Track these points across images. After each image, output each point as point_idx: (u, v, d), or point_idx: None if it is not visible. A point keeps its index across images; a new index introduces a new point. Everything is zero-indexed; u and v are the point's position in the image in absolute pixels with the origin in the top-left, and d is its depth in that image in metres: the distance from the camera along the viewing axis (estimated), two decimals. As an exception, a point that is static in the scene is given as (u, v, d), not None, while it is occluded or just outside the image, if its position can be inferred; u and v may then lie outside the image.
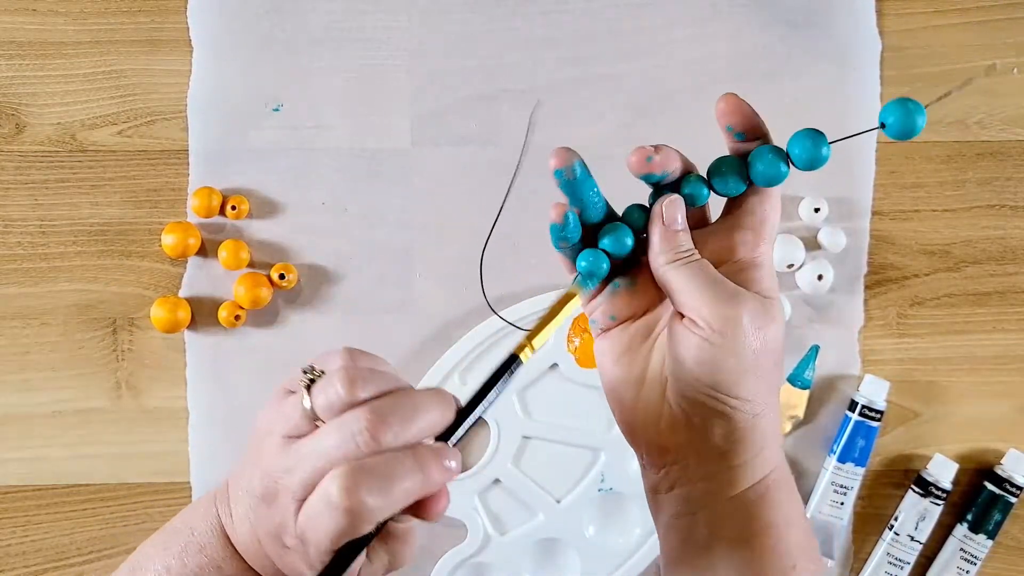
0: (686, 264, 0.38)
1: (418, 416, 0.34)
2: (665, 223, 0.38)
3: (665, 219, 0.38)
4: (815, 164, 0.38)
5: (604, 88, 0.68)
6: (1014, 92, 0.69)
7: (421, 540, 0.67)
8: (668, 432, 0.39)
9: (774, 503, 0.38)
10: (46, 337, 0.67)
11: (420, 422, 0.34)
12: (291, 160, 0.67)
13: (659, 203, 0.38)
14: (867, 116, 0.68)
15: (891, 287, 0.69)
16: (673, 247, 0.38)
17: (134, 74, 0.67)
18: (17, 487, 0.67)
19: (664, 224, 0.38)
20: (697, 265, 0.38)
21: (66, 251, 0.67)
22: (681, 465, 0.39)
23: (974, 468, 0.69)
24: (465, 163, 0.68)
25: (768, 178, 0.38)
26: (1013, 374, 0.69)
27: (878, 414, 0.66)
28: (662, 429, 0.39)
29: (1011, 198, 0.69)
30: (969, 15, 0.69)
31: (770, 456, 0.39)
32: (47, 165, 0.67)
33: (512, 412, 0.66)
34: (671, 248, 0.38)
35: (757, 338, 0.37)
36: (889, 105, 0.37)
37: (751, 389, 0.37)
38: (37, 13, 0.67)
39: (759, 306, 0.37)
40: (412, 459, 0.34)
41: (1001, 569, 0.69)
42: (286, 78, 0.67)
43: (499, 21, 0.68)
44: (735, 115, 0.39)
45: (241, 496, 0.37)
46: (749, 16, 0.68)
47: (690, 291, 0.37)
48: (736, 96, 0.39)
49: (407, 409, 0.34)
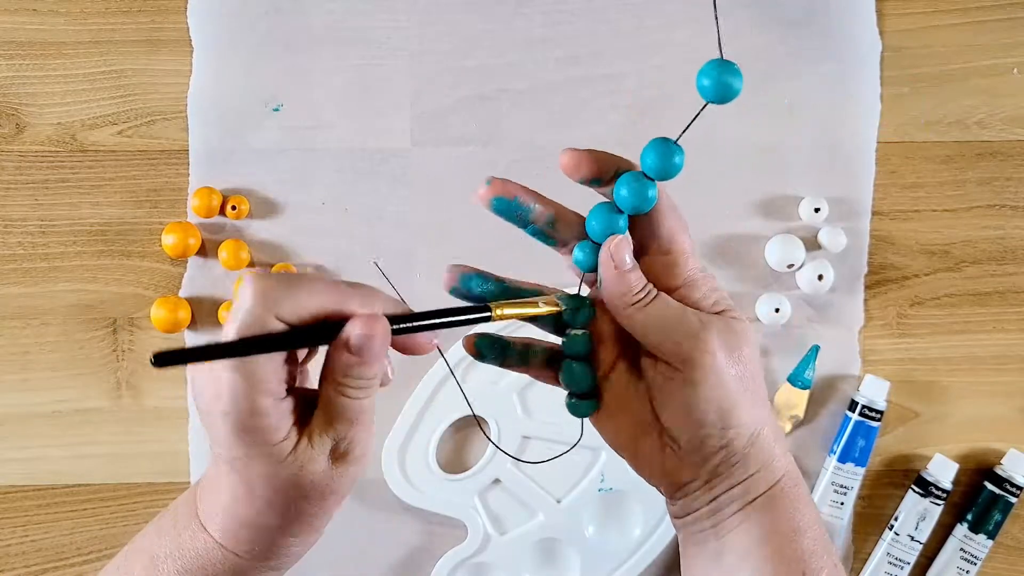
0: (647, 305, 0.38)
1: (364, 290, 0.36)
2: (616, 265, 0.38)
3: (616, 261, 0.38)
4: (669, 173, 0.37)
5: (604, 88, 0.68)
6: (1014, 92, 0.69)
7: (420, 540, 0.67)
8: (674, 470, 0.39)
9: (782, 511, 0.39)
10: (46, 337, 0.67)
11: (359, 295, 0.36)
12: (291, 160, 0.67)
13: (606, 247, 0.38)
14: (867, 116, 0.68)
15: (891, 287, 0.69)
16: (629, 288, 0.38)
17: (134, 74, 0.67)
18: (17, 487, 0.67)
19: (615, 266, 0.38)
20: (658, 302, 0.38)
21: (66, 251, 0.67)
22: (693, 496, 0.39)
23: (974, 468, 0.69)
24: (465, 163, 0.68)
25: (634, 204, 0.37)
26: (1013, 374, 0.69)
27: (878, 414, 0.66)
28: (668, 469, 0.39)
29: (1011, 198, 0.69)
30: (969, 15, 0.69)
31: (775, 466, 0.39)
32: (47, 165, 0.67)
33: (512, 412, 0.66)
34: (627, 290, 0.38)
35: (734, 362, 0.37)
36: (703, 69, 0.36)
37: (743, 414, 0.38)
38: (37, 13, 0.67)
39: (726, 328, 0.37)
40: (327, 280, 0.36)
41: (1001, 569, 0.69)
42: (286, 78, 0.67)
43: (499, 21, 0.68)
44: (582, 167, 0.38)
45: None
46: (749, 16, 0.68)
47: (657, 331, 0.37)
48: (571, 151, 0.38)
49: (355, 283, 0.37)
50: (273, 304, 0.34)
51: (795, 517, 0.39)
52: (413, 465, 0.66)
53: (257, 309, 0.34)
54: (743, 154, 0.68)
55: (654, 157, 0.37)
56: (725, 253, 0.68)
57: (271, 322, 0.34)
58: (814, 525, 0.39)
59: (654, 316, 0.37)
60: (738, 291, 0.68)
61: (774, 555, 0.38)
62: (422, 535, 0.67)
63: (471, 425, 0.67)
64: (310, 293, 0.35)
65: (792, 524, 0.39)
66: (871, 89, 0.68)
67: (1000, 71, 0.69)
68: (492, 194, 0.39)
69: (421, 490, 0.66)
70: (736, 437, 0.38)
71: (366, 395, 0.37)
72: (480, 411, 0.66)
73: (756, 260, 0.68)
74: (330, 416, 0.36)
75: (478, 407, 0.66)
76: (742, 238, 0.68)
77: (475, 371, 0.66)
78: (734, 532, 0.39)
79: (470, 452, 0.68)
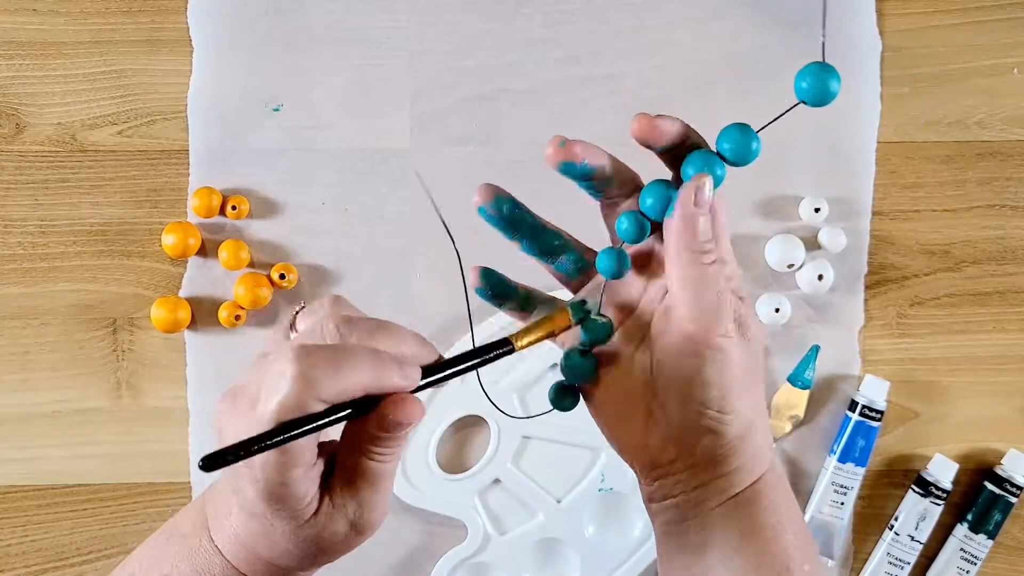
0: (707, 264, 0.36)
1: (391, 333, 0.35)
2: (697, 203, 0.36)
3: (698, 199, 0.36)
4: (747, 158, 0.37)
5: (604, 88, 0.68)
6: (1014, 92, 0.69)
7: (420, 540, 0.67)
8: (658, 449, 0.38)
9: (765, 507, 0.38)
10: (46, 337, 0.67)
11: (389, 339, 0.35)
12: (291, 160, 0.67)
13: (693, 181, 0.36)
14: (867, 116, 0.68)
15: (891, 287, 0.69)
16: (702, 233, 0.36)
17: (134, 74, 0.67)
18: (17, 487, 0.67)
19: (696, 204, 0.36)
20: (714, 267, 0.36)
21: (66, 251, 0.67)
22: (673, 478, 0.39)
23: (974, 468, 0.69)
24: (465, 163, 0.68)
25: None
26: (1013, 374, 0.69)
27: (878, 414, 0.66)
28: (651, 446, 0.38)
29: (1011, 198, 0.69)
30: (969, 15, 0.69)
31: (761, 461, 0.38)
32: (47, 165, 0.67)
33: (512, 412, 0.66)
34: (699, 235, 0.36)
35: (743, 349, 0.37)
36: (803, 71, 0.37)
37: (741, 401, 0.37)
38: (37, 13, 0.67)
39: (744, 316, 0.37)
40: (368, 352, 0.33)
41: (1001, 569, 0.69)
42: (286, 78, 0.67)
43: (499, 21, 0.68)
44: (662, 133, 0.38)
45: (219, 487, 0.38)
46: (749, 16, 0.68)
47: (699, 291, 0.36)
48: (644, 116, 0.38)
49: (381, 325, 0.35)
50: (316, 386, 0.32)
51: (779, 512, 0.38)
52: (413, 465, 0.66)
53: (301, 393, 0.32)
54: (743, 154, 0.68)
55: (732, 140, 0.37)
56: (725, 253, 0.68)
57: (312, 405, 0.32)
58: (796, 521, 0.39)
59: (703, 277, 0.36)
60: (738, 291, 0.68)
61: (759, 551, 0.38)
62: (422, 535, 0.67)
63: (471, 425, 0.67)
64: (353, 371, 0.33)
65: (776, 520, 0.38)
66: (871, 89, 0.68)
67: (1000, 71, 0.69)
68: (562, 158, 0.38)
69: (421, 490, 0.66)
70: (731, 424, 0.37)
71: (392, 459, 0.36)
72: (480, 411, 0.66)
73: (756, 260, 0.68)
74: (352, 480, 0.36)
75: (478, 407, 0.66)
76: (742, 238, 0.68)
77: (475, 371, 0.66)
78: (717, 525, 0.38)
79: (470, 452, 0.68)
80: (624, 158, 0.39)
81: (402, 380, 0.34)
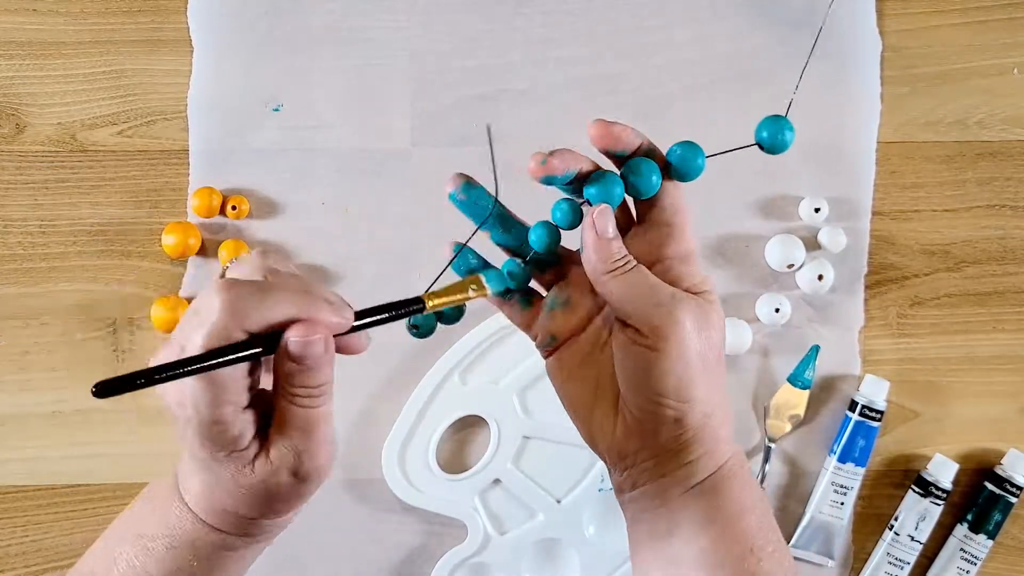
0: (624, 273, 0.38)
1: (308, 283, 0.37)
2: (598, 233, 0.39)
3: (598, 229, 0.39)
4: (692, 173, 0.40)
5: (604, 88, 0.68)
6: (1014, 92, 0.69)
7: (420, 540, 0.67)
8: (624, 439, 0.40)
9: (728, 492, 0.40)
10: (46, 337, 0.67)
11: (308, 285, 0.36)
12: (291, 160, 0.67)
13: (589, 214, 0.39)
14: (867, 116, 0.68)
15: (891, 287, 0.69)
16: (608, 256, 0.38)
17: (134, 74, 0.67)
18: (17, 487, 0.67)
19: (597, 234, 0.39)
20: (635, 273, 0.39)
21: (66, 251, 0.67)
22: (640, 468, 0.40)
23: (974, 468, 0.69)
24: (465, 163, 0.67)
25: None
26: (1013, 374, 0.69)
27: (878, 414, 0.66)
28: (618, 436, 0.40)
29: (1011, 198, 0.69)
30: (969, 15, 0.69)
31: (723, 449, 0.40)
32: (47, 165, 0.67)
33: (512, 412, 0.66)
34: (607, 258, 0.38)
35: (700, 340, 0.38)
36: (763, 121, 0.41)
37: (699, 390, 0.38)
38: (37, 13, 0.67)
39: (698, 308, 0.38)
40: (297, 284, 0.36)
41: (1001, 569, 0.69)
42: (286, 78, 0.67)
43: (499, 21, 0.68)
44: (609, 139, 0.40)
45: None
46: (749, 16, 0.68)
47: (631, 300, 0.38)
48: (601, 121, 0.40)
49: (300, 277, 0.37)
50: (242, 315, 0.33)
51: (741, 497, 0.40)
52: (413, 465, 0.66)
53: (227, 321, 0.33)
54: (743, 154, 0.68)
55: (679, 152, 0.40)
56: (725, 253, 0.68)
57: (237, 334, 0.33)
58: (759, 504, 0.41)
59: (629, 285, 0.38)
60: (738, 291, 0.68)
61: (721, 534, 0.39)
62: (422, 535, 0.67)
63: (471, 425, 0.67)
64: (278, 302, 0.34)
65: (739, 504, 0.40)
66: (871, 89, 0.68)
67: (1000, 71, 0.69)
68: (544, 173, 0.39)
69: (421, 490, 0.66)
70: (689, 412, 0.38)
71: (315, 404, 0.37)
72: (480, 411, 0.66)
73: (756, 260, 0.68)
74: (284, 428, 0.37)
75: (478, 407, 0.66)
76: (742, 238, 0.68)
77: (475, 371, 0.66)
78: (682, 512, 0.39)
79: (470, 452, 0.68)
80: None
81: (333, 316, 0.36)
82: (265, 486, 0.37)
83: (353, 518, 0.67)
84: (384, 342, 0.67)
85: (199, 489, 0.39)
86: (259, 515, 0.39)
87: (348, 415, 0.67)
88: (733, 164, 0.68)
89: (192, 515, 0.39)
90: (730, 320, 0.66)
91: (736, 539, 0.39)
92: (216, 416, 0.35)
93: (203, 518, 0.39)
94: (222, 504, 0.38)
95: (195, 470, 0.38)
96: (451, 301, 0.40)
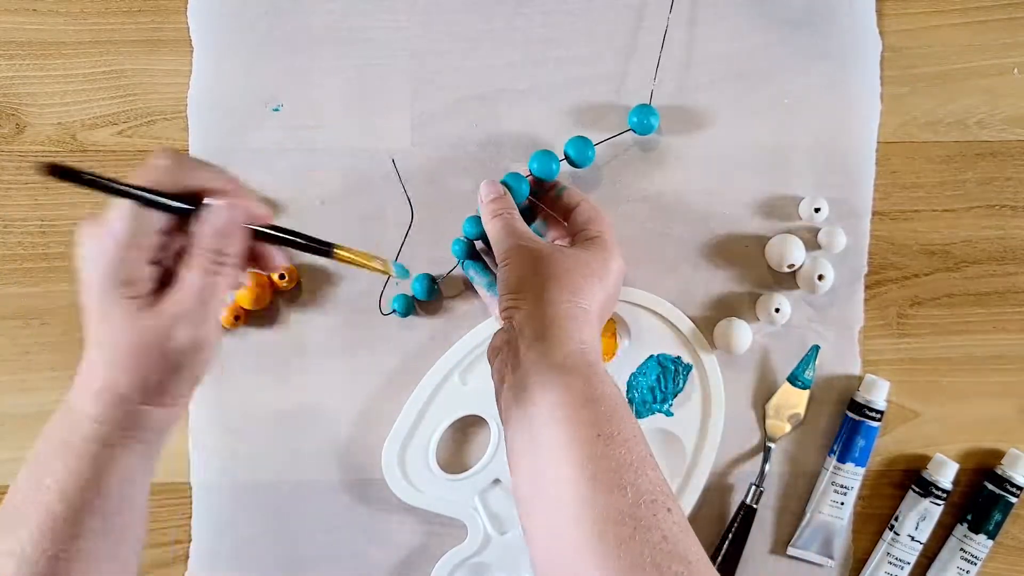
0: (492, 219, 0.59)
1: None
2: (482, 199, 0.61)
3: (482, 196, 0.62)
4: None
5: (604, 88, 0.68)
6: (1014, 92, 0.69)
7: (420, 540, 0.67)
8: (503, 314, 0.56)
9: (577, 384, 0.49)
10: (46, 337, 0.67)
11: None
12: (291, 160, 0.67)
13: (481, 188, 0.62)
14: (867, 116, 0.68)
15: (891, 287, 0.69)
16: (488, 211, 0.60)
17: (134, 74, 0.67)
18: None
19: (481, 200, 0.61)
20: (499, 219, 0.59)
21: (66, 251, 0.67)
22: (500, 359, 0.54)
23: (974, 468, 0.69)
24: (465, 163, 0.68)
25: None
26: (1013, 374, 0.69)
27: (878, 414, 0.66)
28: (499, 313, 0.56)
29: (1011, 198, 0.69)
30: (969, 15, 0.69)
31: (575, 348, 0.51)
32: (47, 165, 0.67)
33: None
34: (487, 212, 0.60)
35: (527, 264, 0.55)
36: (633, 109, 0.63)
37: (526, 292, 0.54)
38: (37, 13, 0.67)
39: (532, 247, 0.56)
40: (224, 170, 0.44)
41: (1001, 569, 0.69)
42: (286, 78, 0.67)
43: (499, 21, 0.68)
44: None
45: None
46: (749, 16, 0.68)
47: (494, 236, 0.59)
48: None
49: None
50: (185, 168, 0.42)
51: (587, 390, 0.48)
52: (413, 465, 0.66)
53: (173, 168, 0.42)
54: (743, 154, 0.68)
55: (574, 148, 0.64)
56: (725, 253, 0.68)
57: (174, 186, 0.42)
58: (609, 399, 0.48)
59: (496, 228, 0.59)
60: (738, 291, 0.68)
61: (570, 417, 0.47)
62: (422, 535, 0.67)
63: (471, 425, 0.67)
64: (215, 174, 0.43)
65: (586, 395, 0.48)
66: (871, 89, 0.68)
67: (1000, 71, 0.69)
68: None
69: (421, 490, 0.66)
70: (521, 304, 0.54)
71: (215, 271, 0.42)
72: (480, 411, 0.66)
73: (756, 260, 0.68)
74: (182, 291, 0.42)
75: (478, 407, 0.66)
76: (742, 238, 0.68)
77: (475, 371, 0.66)
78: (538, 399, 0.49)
79: (470, 452, 0.68)
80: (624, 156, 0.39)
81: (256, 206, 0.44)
82: (160, 341, 0.41)
83: (353, 518, 0.67)
84: (384, 342, 0.67)
85: (84, 366, 0.43)
86: (140, 387, 0.42)
87: (348, 415, 0.67)
88: (733, 164, 0.68)
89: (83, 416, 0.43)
90: (730, 320, 0.66)
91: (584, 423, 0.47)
92: (125, 251, 0.41)
93: (80, 409, 0.43)
94: (105, 378, 0.42)
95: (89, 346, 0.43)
96: (355, 262, 0.48)
